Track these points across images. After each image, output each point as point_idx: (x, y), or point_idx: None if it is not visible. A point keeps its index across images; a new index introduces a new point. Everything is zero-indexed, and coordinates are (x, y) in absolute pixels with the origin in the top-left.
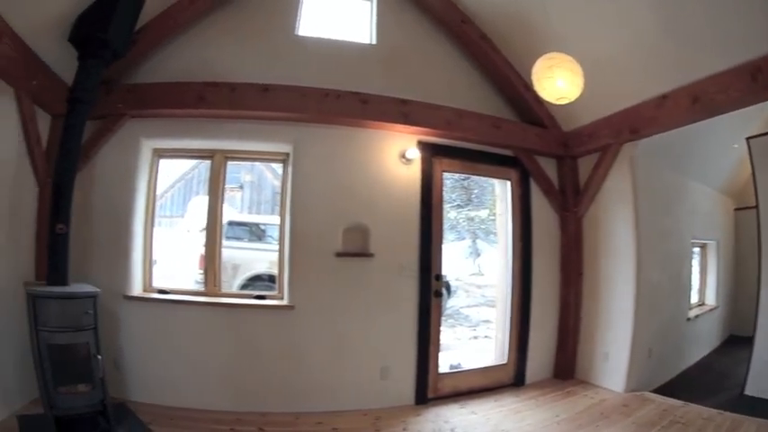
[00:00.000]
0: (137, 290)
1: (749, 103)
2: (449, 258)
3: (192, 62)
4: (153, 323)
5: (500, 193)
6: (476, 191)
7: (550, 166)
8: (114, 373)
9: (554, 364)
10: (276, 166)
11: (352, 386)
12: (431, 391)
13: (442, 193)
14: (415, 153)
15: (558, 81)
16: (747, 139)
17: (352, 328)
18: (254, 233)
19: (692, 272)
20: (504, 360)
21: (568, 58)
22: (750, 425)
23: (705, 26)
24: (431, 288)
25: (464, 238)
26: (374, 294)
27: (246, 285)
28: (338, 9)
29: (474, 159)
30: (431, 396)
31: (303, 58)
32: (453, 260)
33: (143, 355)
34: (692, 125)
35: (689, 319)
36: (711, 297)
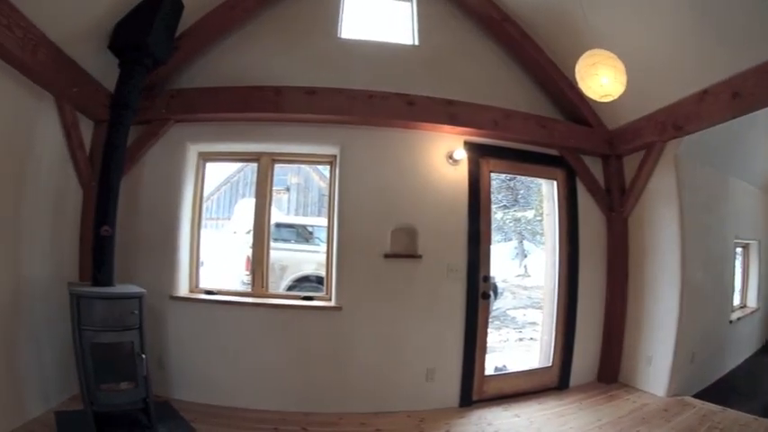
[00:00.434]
0: (183, 290)
1: None
2: (495, 259)
3: (236, 67)
4: (199, 323)
5: (547, 193)
6: (521, 191)
7: (596, 165)
8: (158, 372)
9: (598, 368)
10: (322, 168)
11: (396, 387)
12: (475, 393)
13: (490, 194)
14: (463, 154)
15: (602, 78)
16: None
17: (398, 330)
18: (301, 235)
19: (734, 273)
20: (549, 363)
21: (610, 54)
22: None
23: (743, 19)
24: (478, 289)
25: (510, 239)
26: (421, 296)
27: (293, 286)
28: (379, 11)
29: (520, 159)
30: (475, 398)
31: (347, 61)
32: (500, 261)
33: (188, 355)
34: (733, 120)
35: (731, 321)
36: (753, 299)
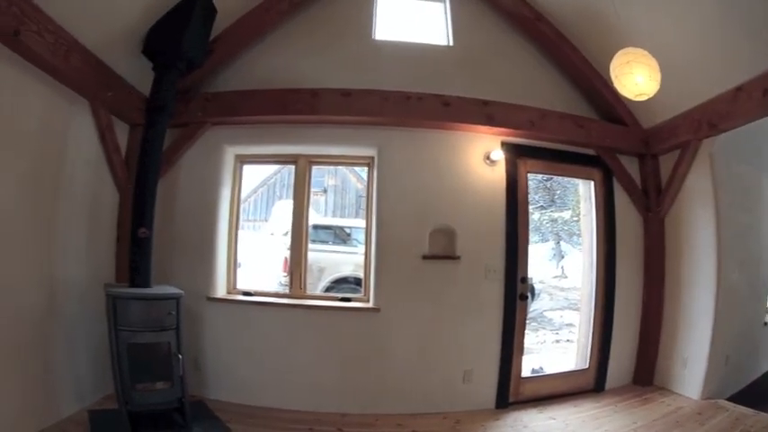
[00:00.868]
0: (221, 292)
1: None
2: (533, 261)
3: (271, 69)
4: (235, 324)
5: (584, 193)
6: (558, 191)
7: (632, 165)
8: (194, 372)
9: (634, 370)
10: (359, 169)
11: (433, 389)
12: (512, 395)
13: (527, 195)
14: (500, 155)
15: (637, 77)
16: None
17: (436, 331)
18: (338, 236)
19: None
20: (586, 365)
21: (644, 52)
22: None
23: None
24: (516, 291)
25: (547, 240)
26: (459, 297)
27: (331, 288)
28: (412, 12)
29: (557, 159)
30: (511, 400)
31: (382, 62)
32: (537, 262)
33: (224, 355)
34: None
35: (766, 323)
36: None
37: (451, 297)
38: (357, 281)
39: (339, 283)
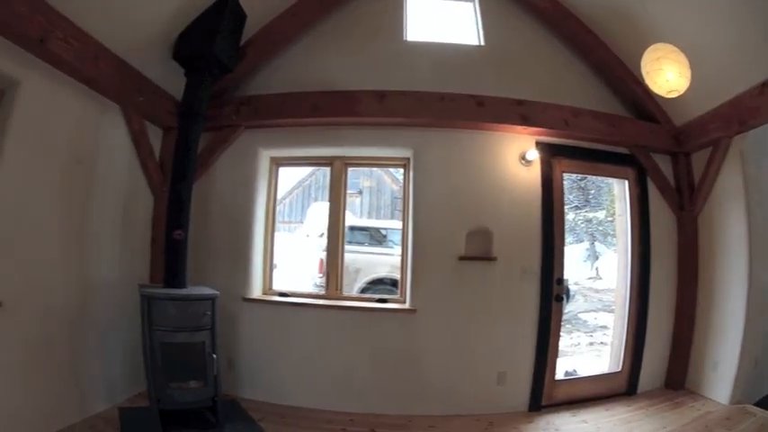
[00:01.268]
0: (256, 292)
1: None
2: (567, 262)
3: (303, 72)
4: (270, 324)
5: (618, 192)
6: (592, 191)
7: (665, 163)
8: (228, 372)
9: (666, 374)
10: (395, 170)
11: (467, 391)
12: (545, 398)
13: (563, 195)
14: (535, 154)
15: (668, 74)
16: None
17: (472, 333)
18: (374, 238)
19: None
20: (619, 368)
21: (673, 48)
22: None
23: None
24: (552, 292)
25: (582, 241)
26: (495, 298)
27: (367, 289)
28: (441, 12)
29: (592, 159)
30: (544, 403)
31: (415, 63)
32: (571, 263)
33: (258, 355)
34: None
35: None
36: None
37: (487, 298)
38: (393, 282)
39: (375, 285)
